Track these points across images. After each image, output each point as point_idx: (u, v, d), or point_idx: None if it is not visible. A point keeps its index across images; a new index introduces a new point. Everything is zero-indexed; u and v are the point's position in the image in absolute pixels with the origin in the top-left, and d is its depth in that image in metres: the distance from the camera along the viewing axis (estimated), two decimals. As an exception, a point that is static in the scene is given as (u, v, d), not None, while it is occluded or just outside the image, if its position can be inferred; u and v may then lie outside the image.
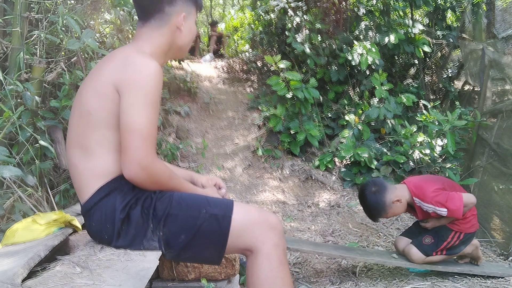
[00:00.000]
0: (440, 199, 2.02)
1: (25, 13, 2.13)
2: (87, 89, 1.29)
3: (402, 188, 2.16)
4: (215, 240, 1.28)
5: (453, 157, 3.52)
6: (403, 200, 2.12)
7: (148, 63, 1.23)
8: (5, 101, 1.96)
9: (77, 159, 1.28)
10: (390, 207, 2.10)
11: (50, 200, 2.14)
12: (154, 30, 1.35)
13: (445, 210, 2.01)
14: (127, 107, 1.19)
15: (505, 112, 3.19)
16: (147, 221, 1.26)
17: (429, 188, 2.07)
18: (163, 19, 1.35)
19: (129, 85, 1.20)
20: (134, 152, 1.18)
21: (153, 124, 1.21)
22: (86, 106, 1.26)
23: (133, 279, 1.09)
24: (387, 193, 2.09)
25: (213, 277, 1.66)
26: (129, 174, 1.21)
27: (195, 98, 5.05)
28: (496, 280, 2.21)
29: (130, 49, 1.30)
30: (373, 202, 2.10)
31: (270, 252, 1.28)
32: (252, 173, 4.07)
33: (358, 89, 4.69)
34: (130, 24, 3.00)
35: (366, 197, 2.12)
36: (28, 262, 1.14)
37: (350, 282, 2.24)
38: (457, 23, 5.02)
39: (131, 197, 1.27)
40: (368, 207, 2.13)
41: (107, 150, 1.25)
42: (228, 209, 1.30)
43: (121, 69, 1.23)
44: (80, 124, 1.27)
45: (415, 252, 2.16)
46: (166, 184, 1.31)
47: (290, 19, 4.82)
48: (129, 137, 1.18)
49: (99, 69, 1.30)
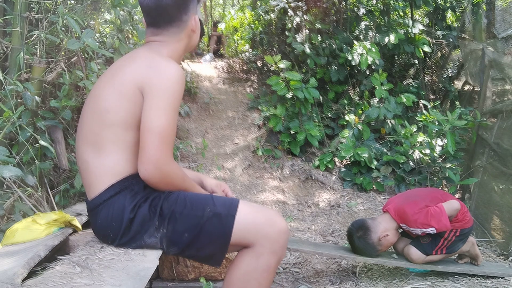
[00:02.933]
0: (423, 220, 2.04)
1: (25, 13, 2.13)
2: (105, 87, 1.30)
3: (386, 220, 2.17)
4: (218, 239, 1.28)
5: (453, 157, 3.52)
6: (390, 232, 2.14)
7: (172, 67, 1.26)
8: (5, 101, 1.96)
9: (88, 156, 1.29)
10: (380, 244, 2.12)
11: (50, 200, 2.14)
12: (172, 37, 1.39)
13: (433, 228, 2.03)
14: (150, 108, 1.22)
15: (505, 112, 3.19)
16: (153, 219, 1.27)
17: (410, 211, 2.08)
18: (181, 27, 1.39)
19: (154, 88, 1.22)
20: (152, 152, 1.20)
21: (173, 127, 1.24)
22: (103, 104, 1.27)
23: (133, 279, 1.09)
24: (371, 234, 2.11)
25: (213, 277, 1.66)
26: (144, 174, 1.22)
27: (195, 98, 5.05)
28: (496, 280, 2.21)
29: (152, 52, 1.33)
30: (362, 246, 2.12)
31: (263, 254, 1.28)
32: (252, 173, 4.07)
33: (358, 89, 4.69)
34: (130, 24, 3.00)
35: (355, 244, 2.15)
36: (28, 262, 1.14)
37: (350, 282, 2.24)
38: (457, 23, 5.02)
39: (141, 197, 1.28)
40: (361, 252, 2.15)
41: (120, 149, 1.27)
42: (232, 208, 1.29)
43: (146, 71, 1.25)
44: (94, 121, 1.28)
45: (414, 252, 2.16)
46: (179, 186, 1.32)
47: (290, 19, 4.82)
48: (149, 137, 1.20)
49: (119, 69, 1.31)
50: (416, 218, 2.05)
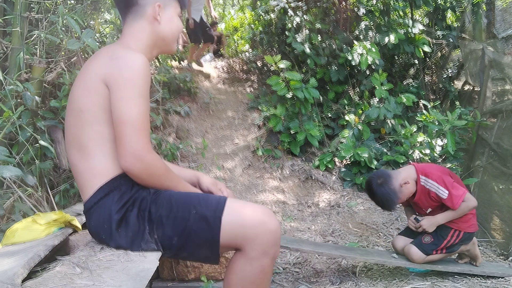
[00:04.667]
0: (446, 180, 2.05)
1: (25, 13, 2.13)
2: (77, 86, 1.30)
3: (407, 169, 2.19)
4: (207, 241, 1.28)
5: (453, 157, 3.52)
6: (410, 180, 2.13)
7: (134, 56, 1.24)
8: (5, 101, 1.96)
9: (75, 159, 1.29)
10: (401, 192, 2.11)
11: (50, 200, 2.14)
12: (133, 25, 1.36)
13: (447, 192, 2.03)
14: (117, 100, 1.21)
15: (505, 112, 3.19)
16: (143, 224, 1.27)
17: (438, 170, 2.11)
18: (138, 12, 1.35)
19: (117, 79, 1.21)
20: (128, 144, 1.19)
21: (144, 116, 1.23)
22: (77, 104, 1.27)
23: (133, 280, 1.09)
24: (393, 180, 2.10)
25: (213, 277, 1.66)
26: (125, 166, 1.21)
27: (195, 98, 5.05)
28: (496, 280, 2.21)
29: (116, 45, 1.33)
30: (383, 194, 2.10)
31: (255, 258, 1.27)
32: (252, 173, 4.07)
33: (358, 89, 4.69)
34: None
35: (374, 192, 2.12)
36: (28, 262, 1.14)
37: (350, 282, 2.24)
38: (457, 23, 5.02)
39: (128, 198, 1.28)
40: (380, 200, 2.13)
41: (103, 147, 1.26)
42: (218, 209, 1.28)
43: (108, 63, 1.24)
44: (74, 123, 1.28)
45: (415, 251, 2.16)
46: (163, 177, 1.30)
47: (290, 19, 4.82)
48: (122, 129, 1.19)
49: (86, 67, 1.31)
50: (441, 174, 2.06)
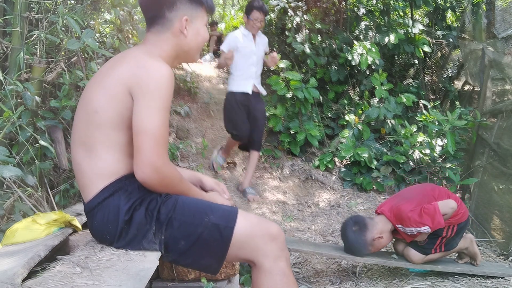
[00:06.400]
0: (417, 218, 2.03)
1: (25, 13, 2.13)
2: (96, 87, 1.29)
3: (382, 221, 2.16)
4: (215, 250, 1.28)
5: (453, 157, 3.52)
6: (385, 235, 2.13)
7: (161, 67, 1.24)
8: (5, 101, 1.96)
9: (80, 158, 1.29)
10: (372, 244, 2.11)
11: (50, 200, 2.14)
12: (159, 35, 1.36)
13: (427, 227, 2.02)
14: (140, 110, 1.20)
15: (505, 112, 3.19)
16: (150, 223, 1.26)
17: (405, 209, 2.07)
18: (165, 25, 1.35)
19: (143, 89, 1.21)
20: (147, 154, 1.19)
21: (165, 127, 1.23)
22: (93, 104, 1.26)
23: (133, 279, 1.09)
24: (367, 232, 2.10)
25: (213, 277, 1.66)
26: (141, 176, 1.21)
27: (195, 98, 5.05)
28: (496, 280, 2.21)
29: (141, 52, 1.31)
30: (354, 241, 2.10)
31: (272, 266, 1.28)
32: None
33: (358, 89, 4.69)
34: (130, 24, 3.00)
35: (347, 236, 2.13)
36: (28, 262, 1.14)
37: (350, 282, 2.25)
38: (457, 23, 5.02)
39: (136, 198, 1.27)
40: (350, 245, 2.13)
41: (110, 150, 1.26)
42: (231, 220, 1.29)
43: (134, 71, 1.24)
44: (86, 122, 1.28)
45: (413, 253, 2.16)
46: (176, 187, 1.31)
47: (290, 19, 4.82)
48: (142, 139, 1.19)
49: (109, 69, 1.30)
50: (410, 216, 2.04)
